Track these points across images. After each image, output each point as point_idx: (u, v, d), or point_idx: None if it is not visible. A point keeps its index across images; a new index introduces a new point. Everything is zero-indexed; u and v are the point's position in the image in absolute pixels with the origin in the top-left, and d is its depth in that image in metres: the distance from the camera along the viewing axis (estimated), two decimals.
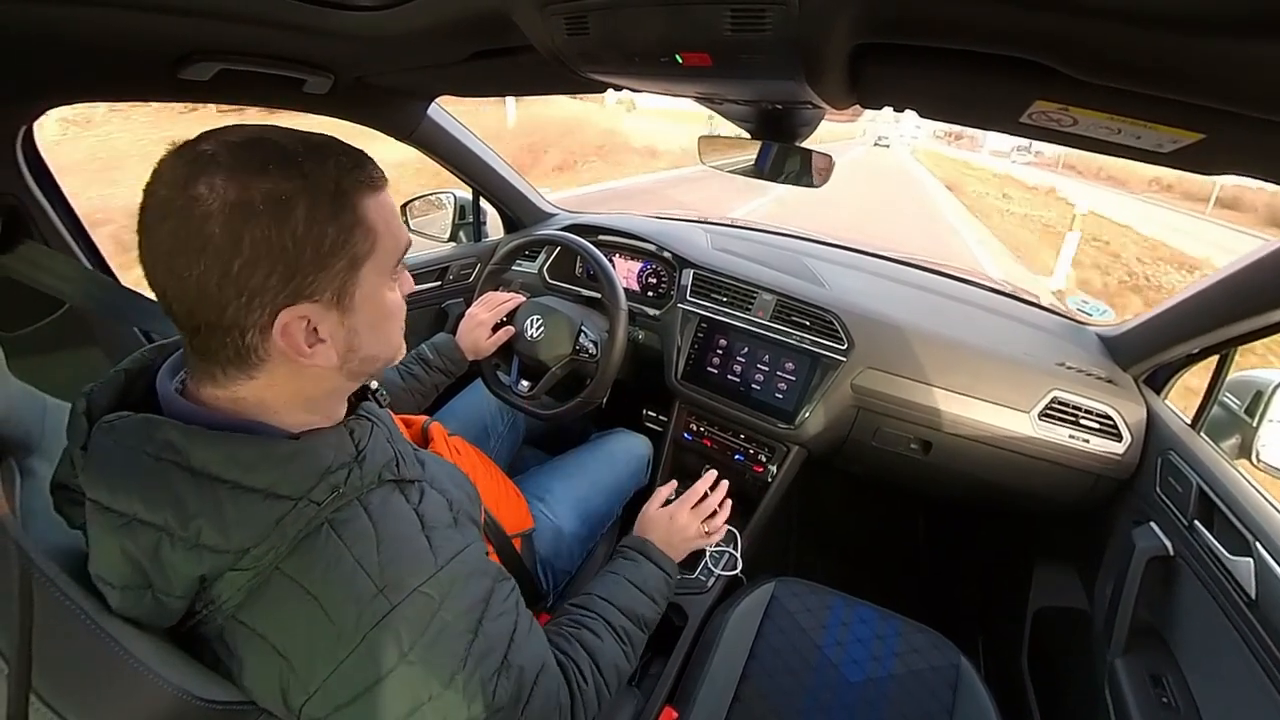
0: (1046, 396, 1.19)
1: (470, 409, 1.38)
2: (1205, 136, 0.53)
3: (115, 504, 0.46)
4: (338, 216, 0.48)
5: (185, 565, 0.46)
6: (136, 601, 0.47)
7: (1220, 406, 1.06)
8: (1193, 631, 0.94)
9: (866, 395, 1.29)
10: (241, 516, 0.47)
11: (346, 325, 0.52)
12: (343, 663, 0.48)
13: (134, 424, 0.48)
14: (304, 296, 0.48)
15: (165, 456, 0.47)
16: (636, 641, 0.80)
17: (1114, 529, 1.16)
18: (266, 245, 0.45)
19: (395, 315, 0.58)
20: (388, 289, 0.56)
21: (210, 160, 0.44)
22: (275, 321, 0.47)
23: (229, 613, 0.48)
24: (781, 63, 0.61)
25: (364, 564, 0.50)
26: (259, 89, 0.98)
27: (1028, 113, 0.60)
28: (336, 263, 0.49)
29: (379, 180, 0.53)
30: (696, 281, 1.48)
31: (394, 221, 0.54)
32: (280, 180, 0.45)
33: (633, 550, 0.90)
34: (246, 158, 0.45)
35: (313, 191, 0.47)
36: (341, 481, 0.52)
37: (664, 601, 0.88)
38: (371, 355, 0.56)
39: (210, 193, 0.44)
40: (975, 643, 1.55)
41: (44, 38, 0.70)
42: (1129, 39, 0.41)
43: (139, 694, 0.44)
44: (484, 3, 0.66)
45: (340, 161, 0.49)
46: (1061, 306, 1.49)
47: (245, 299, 0.46)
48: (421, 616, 0.51)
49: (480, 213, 1.77)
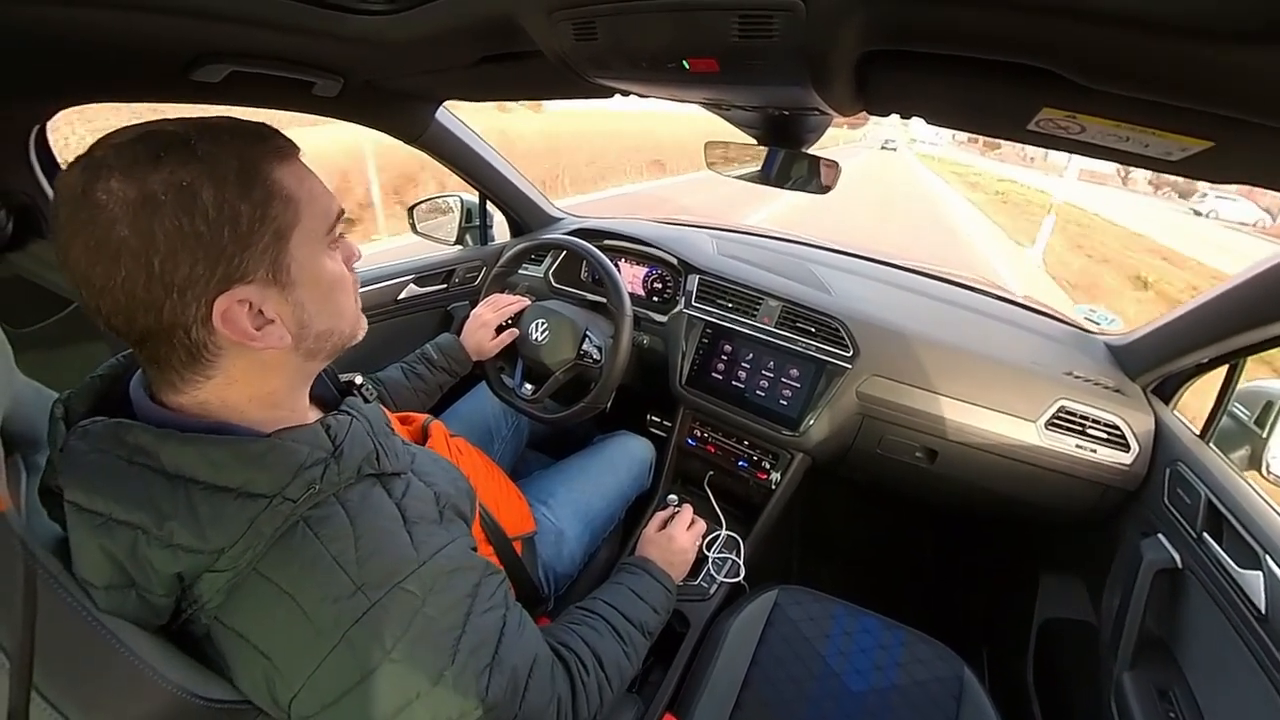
0: (1053, 406, 1.18)
1: (474, 412, 1.39)
2: (1214, 144, 0.52)
3: (92, 505, 0.46)
4: (248, 192, 0.47)
5: (163, 563, 0.46)
6: (122, 601, 0.46)
7: (1230, 417, 1.05)
8: (1201, 645, 0.93)
9: (872, 403, 1.28)
10: (215, 516, 0.46)
11: (291, 300, 0.51)
12: (324, 661, 0.48)
13: (106, 428, 0.48)
14: (236, 280, 0.47)
15: (137, 460, 0.47)
16: (639, 645, 0.80)
17: (1121, 540, 1.15)
18: (180, 235, 0.44)
19: (340, 284, 0.56)
20: (326, 258, 0.54)
21: (102, 164, 0.43)
22: (214, 310, 0.47)
23: (212, 613, 0.48)
24: (789, 69, 0.61)
25: (341, 561, 0.49)
26: (269, 91, 0.99)
27: (1035, 120, 0.59)
28: (259, 239, 0.48)
29: (287, 148, 0.51)
30: (702, 287, 1.48)
31: (315, 187, 0.53)
32: (177, 168, 0.44)
33: (634, 566, 0.94)
34: (137, 153, 0.44)
35: (214, 172, 0.45)
36: (317, 478, 0.51)
37: (665, 613, 0.91)
38: (325, 329, 0.55)
39: (109, 197, 0.43)
40: (980, 654, 1.53)
41: (58, 39, 0.70)
42: (1137, 46, 0.41)
43: (139, 691, 0.44)
44: (492, 8, 0.66)
45: (238, 138, 0.48)
46: (1069, 315, 1.48)
47: (177, 294, 0.45)
48: (404, 613, 0.50)
49: (487, 216, 1.78)
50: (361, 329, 0.61)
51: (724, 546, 1.34)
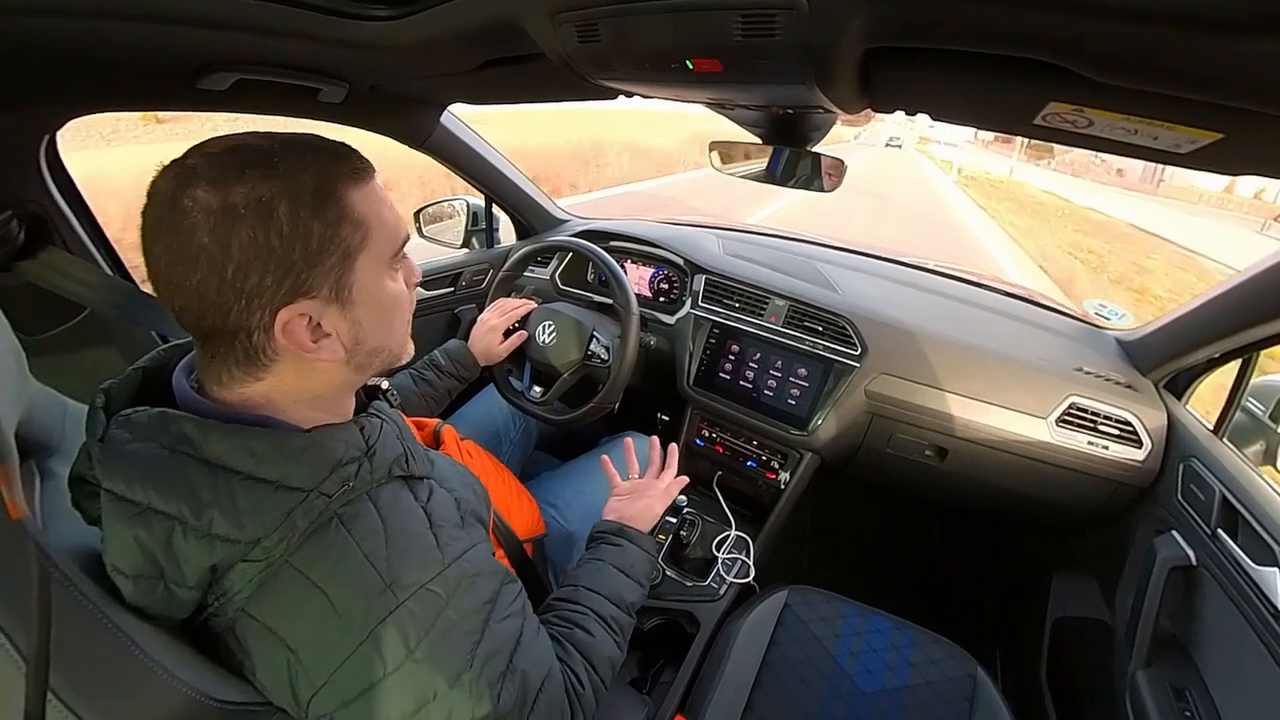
0: (1064, 402, 1.17)
1: (483, 414, 1.39)
2: (1224, 136, 0.52)
3: (131, 494, 0.47)
4: (322, 212, 0.49)
5: (197, 555, 0.47)
6: (149, 591, 0.47)
7: (1243, 412, 1.04)
8: (1217, 643, 0.92)
9: (880, 401, 1.28)
10: (254, 507, 0.48)
11: (349, 318, 0.53)
12: (349, 657, 0.48)
13: (150, 417, 0.49)
14: (301, 294, 0.49)
15: (179, 448, 0.48)
16: (626, 627, 0.79)
17: (1134, 538, 1.14)
18: (255, 248, 0.46)
19: (399, 305, 0.58)
20: (389, 279, 0.56)
21: (192, 173, 0.46)
22: (276, 321, 0.48)
23: (239, 605, 0.49)
24: (792, 68, 0.61)
25: (372, 558, 0.50)
26: (275, 98, 1.00)
27: (1042, 114, 0.59)
28: (328, 258, 0.50)
29: (363, 171, 0.53)
30: (708, 287, 1.48)
31: (386, 211, 0.54)
32: (258, 183, 0.46)
33: (612, 535, 0.88)
34: (225, 165, 0.46)
35: (292, 190, 0.47)
36: (352, 475, 0.52)
37: (648, 582, 0.87)
38: (377, 347, 0.57)
39: (194, 204, 0.45)
40: (992, 653, 1.52)
41: (67, 50, 0.71)
42: (1144, 39, 0.41)
43: (154, 693, 0.45)
44: (495, 11, 0.67)
45: (319, 157, 0.50)
46: (1079, 310, 1.47)
47: (245, 302, 0.47)
48: (427, 613, 0.51)
49: (493, 219, 1.78)
50: (408, 352, 0.63)
51: (733, 547, 1.33)
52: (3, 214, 0.88)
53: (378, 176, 0.55)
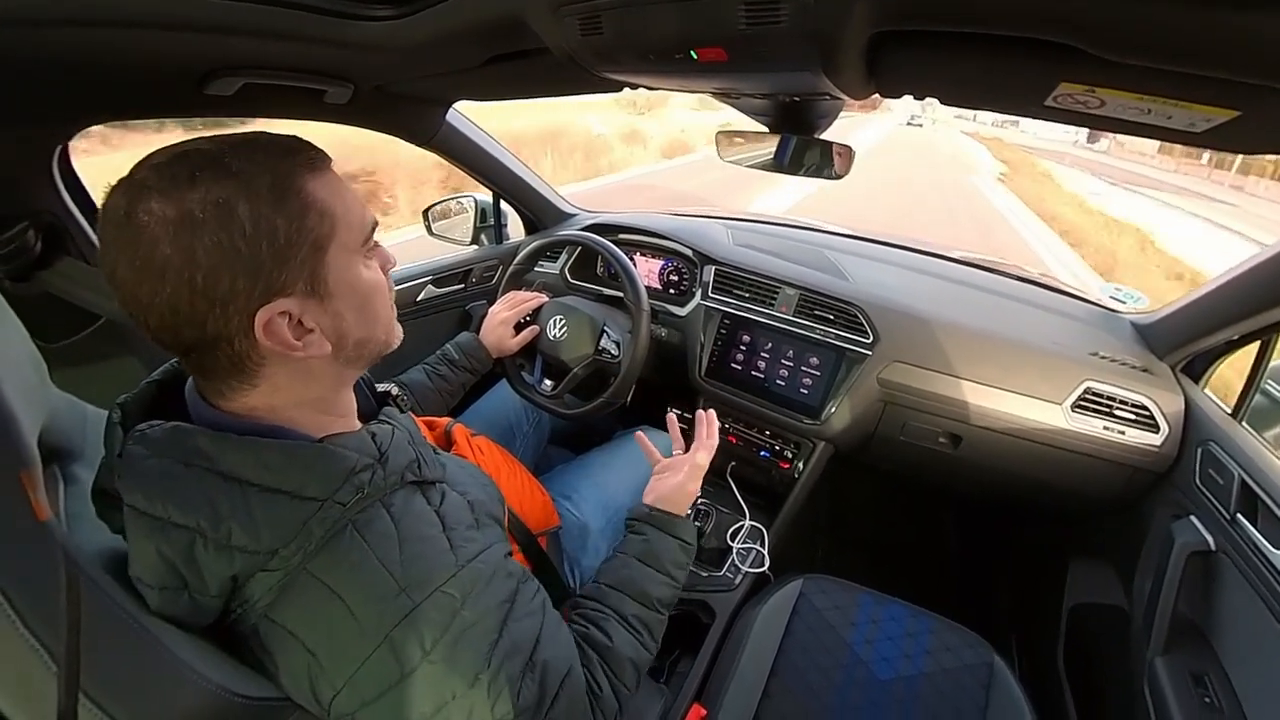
0: (1079, 387, 1.16)
1: (495, 409, 1.40)
2: (1241, 113, 0.51)
3: (150, 508, 0.47)
4: (284, 206, 0.48)
5: (218, 566, 0.48)
6: (174, 601, 0.48)
7: (1263, 395, 1.02)
8: (1236, 629, 0.91)
9: (893, 389, 1.27)
10: (270, 518, 0.48)
11: (329, 311, 0.52)
12: (367, 660, 0.49)
13: (165, 432, 0.50)
14: (276, 292, 0.48)
15: (196, 462, 0.48)
16: (655, 626, 0.77)
17: (1152, 523, 1.13)
18: (220, 252, 0.45)
19: (377, 292, 0.57)
20: (363, 267, 0.55)
21: (142, 186, 0.45)
22: (255, 322, 0.48)
23: (261, 611, 0.50)
24: (798, 55, 0.61)
25: (386, 563, 0.51)
26: (282, 101, 1.00)
27: (1053, 95, 0.58)
28: (298, 251, 0.49)
29: (319, 161, 0.52)
30: (718, 278, 1.47)
31: (348, 197, 0.53)
32: (213, 185, 0.45)
33: (639, 523, 0.85)
34: (174, 173, 0.45)
35: (249, 188, 0.46)
36: (365, 483, 0.53)
37: (682, 573, 0.83)
38: (363, 338, 0.56)
39: (150, 218, 0.44)
40: (1009, 641, 1.51)
41: (78, 60, 0.72)
42: (1156, 15, 0.40)
43: (182, 691, 0.46)
44: (498, 7, 0.67)
45: (271, 152, 0.49)
46: (1093, 295, 1.45)
47: (220, 309, 0.47)
48: (443, 615, 0.52)
49: (501, 215, 1.78)
50: (396, 337, 0.62)
51: (748, 536, 1.34)
52: (19, 225, 0.90)
53: (334, 165, 0.54)
